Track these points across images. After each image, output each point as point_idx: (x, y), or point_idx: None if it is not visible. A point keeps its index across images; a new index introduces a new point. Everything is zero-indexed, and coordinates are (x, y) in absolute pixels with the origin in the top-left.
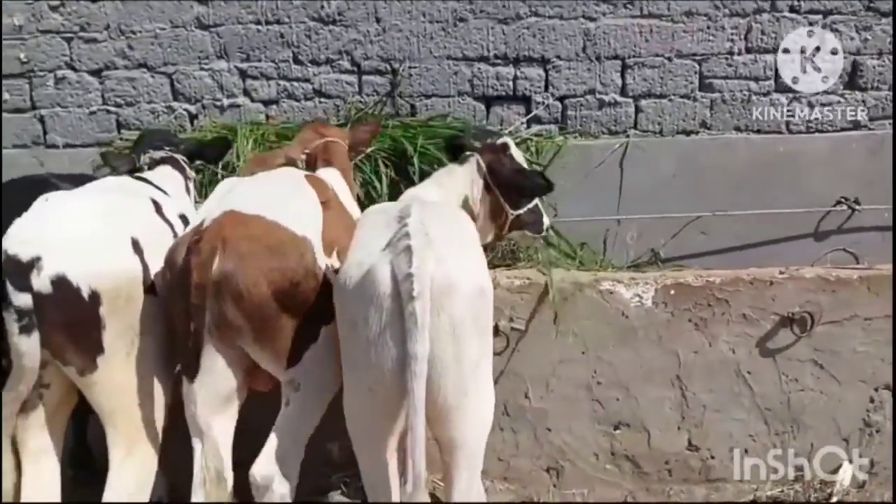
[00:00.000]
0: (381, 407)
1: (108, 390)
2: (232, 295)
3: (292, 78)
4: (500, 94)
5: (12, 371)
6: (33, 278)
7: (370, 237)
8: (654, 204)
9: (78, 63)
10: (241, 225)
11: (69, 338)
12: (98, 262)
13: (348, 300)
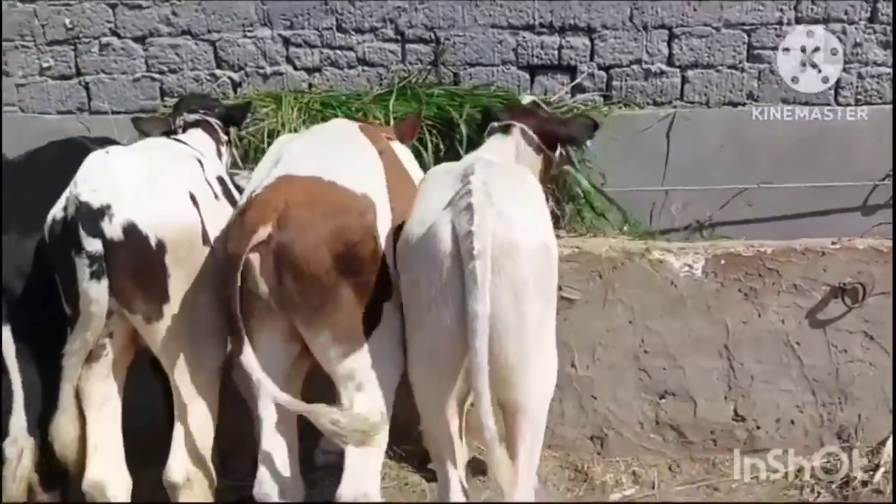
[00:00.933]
0: (442, 367)
1: (172, 339)
2: (288, 266)
3: (335, 46)
4: (544, 63)
5: (80, 319)
6: (104, 225)
7: (434, 194)
8: (700, 175)
9: (122, 30)
10: (300, 189)
11: (137, 285)
12: (163, 211)
13: (411, 258)
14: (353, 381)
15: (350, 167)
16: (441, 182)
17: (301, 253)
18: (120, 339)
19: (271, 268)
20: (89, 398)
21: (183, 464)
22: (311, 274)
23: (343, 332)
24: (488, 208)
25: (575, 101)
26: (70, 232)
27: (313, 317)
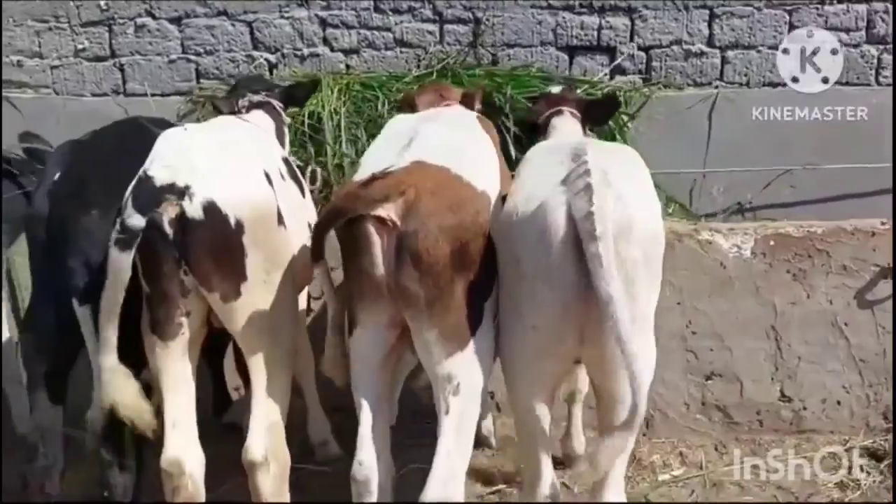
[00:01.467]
0: (543, 346)
1: (248, 318)
2: (411, 255)
3: (373, 27)
4: (583, 44)
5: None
6: (185, 205)
7: (541, 174)
8: (742, 156)
9: (158, 11)
10: (430, 178)
11: (216, 264)
12: (241, 191)
13: (514, 236)
14: (451, 384)
15: (473, 162)
16: (548, 160)
17: (424, 242)
18: (196, 319)
19: (393, 253)
20: (166, 376)
21: (262, 443)
22: (430, 264)
23: (450, 330)
24: (607, 189)
25: (615, 82)
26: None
27: (425, 310)
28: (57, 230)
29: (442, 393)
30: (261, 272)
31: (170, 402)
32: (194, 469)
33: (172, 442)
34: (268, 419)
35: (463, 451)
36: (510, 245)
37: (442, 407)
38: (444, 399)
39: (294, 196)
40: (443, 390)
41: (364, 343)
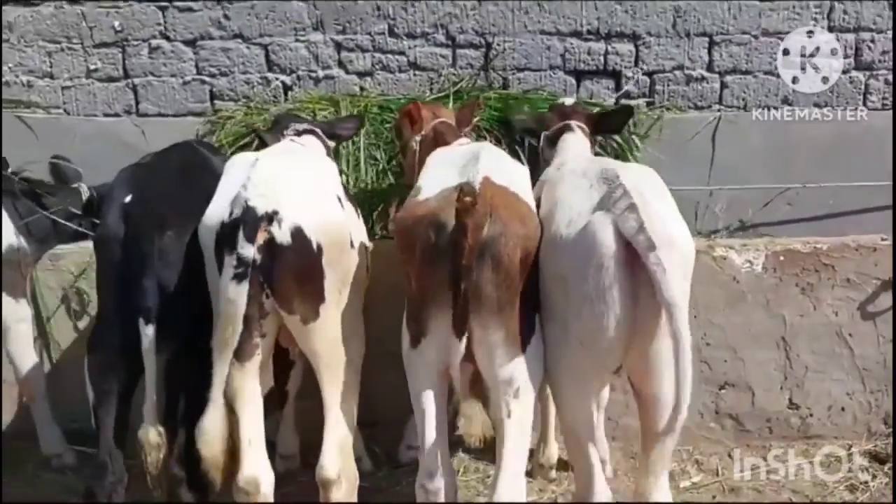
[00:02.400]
0: (590, 359)
1: (324, 339)
2: (492, 259)
3: (387, 50)
4: (590, 68)
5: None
6: (274, 230)
7: (575, 198)
8: (743, 176)
9: (172, 32)
10: (499, 193)
11: (299, 287)
12: (322, 216)
13: (560, 258)
14: (512, 388)
15: (522, 183)
16: (579, 184)
17: (504, 247)
18: (269, 340)
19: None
20: (242, 395)
21: (336, 461)
22: (507, 269)
23: (513, 335)
24: (648, 208)
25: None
26: (232, 233)
27: (496, 314)
28: (133, 251)
29: (503, 397)
30: (335, 293)
31: (245, 421)
32: (268, 490)
33: (249, 460)
34: (339, 438)
35: (524, 452)
36: (556, 266)
37: (503, 410)
38: (506, 403)
39: (353, 217)
40: (504, 394)
41: (431, 353)
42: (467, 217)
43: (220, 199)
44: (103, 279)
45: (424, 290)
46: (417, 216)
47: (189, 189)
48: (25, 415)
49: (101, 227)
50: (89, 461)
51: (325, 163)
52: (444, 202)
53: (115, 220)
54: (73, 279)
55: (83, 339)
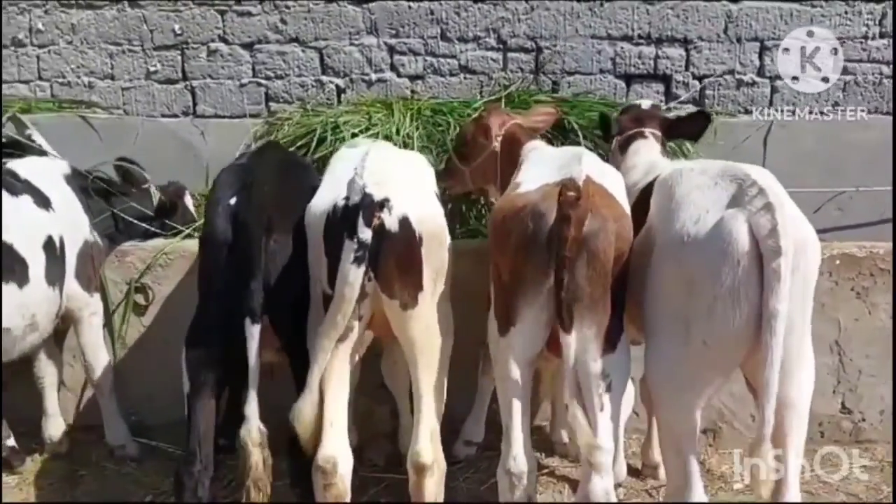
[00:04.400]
0: (712, 360)
1: (421, 326)
2: (589, 254)
3: (439, 54)
4: (640, 72)
5: (333, 300)
6: (385, 216)
7: (701, 196)
8: (794, 180)
9: (230, 36)
10: (599, 192)
11: (400, 273)
12: (425, 208)
13: (686, 256)
14: (605, 382)
15: (618, 186)
16: (702, 183)
17: (601, 243)
18: (363, 324)
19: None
20: (331, 376)
21: (430, 447)
22: (602, 265)
23: (605, 331)
24: (785, 208)
25: (669, 109)
26: (350, 218)
27: (589, 307)
28: (240, 254)
29: (595, 391)
30: (431, 283)
31: (330, 401)
32: (346, 471)
33: (330, 440)
34: (431, 425)
35: (613, 448)
36: (679, 265)
37: (596, 403)
38: (598, 396)
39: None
40: (596, 387)
41: (521, 341)
42: (569, 210)
43: (329, 187)
44: (208, 278)
45: (517, 279)
46: (516, 207)
47: (291, 188)
48: (92, 406)
49: (207, 228)
50: (150, 453)
51: (423, 161)
52: (546, 195)
53: (223, 221)
54: (139, 275)
55: (146, 334)
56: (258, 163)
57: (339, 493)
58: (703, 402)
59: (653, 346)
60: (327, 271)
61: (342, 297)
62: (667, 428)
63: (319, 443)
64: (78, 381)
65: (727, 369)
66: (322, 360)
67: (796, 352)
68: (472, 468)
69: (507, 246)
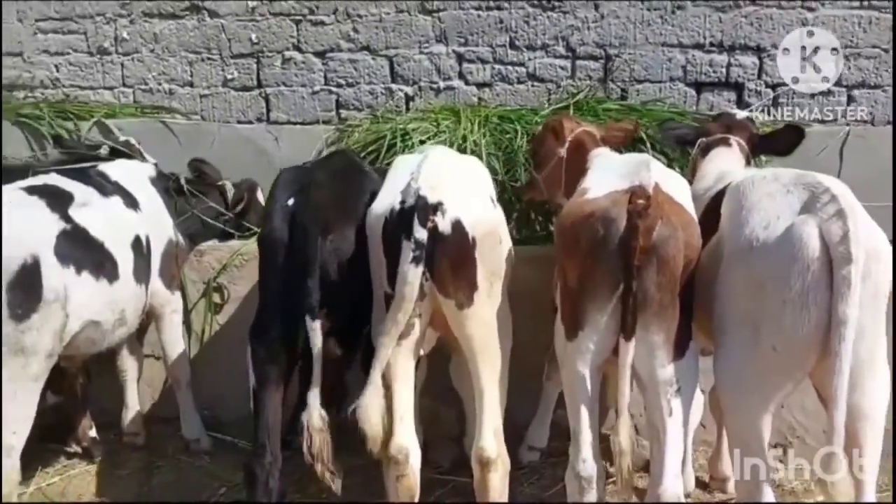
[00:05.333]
0: (782, 366)
1: (478, 325)
2: (659, 260)
3: (507, 62)
4: (711, 80)
5: (394, 299)
6: (438, 219)
7: (773, 202)
8: (872, 193)
9: (304, 45)
10: (668, 200)
11: (455, 274)
12: (478, 212)
13: (755, 261)
14: (673, 388)
15: (685, 195)
16: (773, 189)
17: (671, 250)
18: (423, 322)
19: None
20: (397, 372)
21: (494, 443)
22: (671, 272)
23: (673, 337)
24: (857, 215)
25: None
26: (406, 220)
27: (658, 314)
28: (298, 253)
29: (664, 396)
30: (486, 283)
31: (398, 396)
32: (416, 463)
33: (400, 433)
34: (494, 421)
35: (681, 452)
36: (749, 271)
37: (665, 409)
38: (667, 402)
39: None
40: (664, 394)
41: (589, 346)
42: (639, 218)
43: (388, 191)
44: (268, 276)
45: (585, 284)
46: (585, 213)
47: (349, 191)
48: (168, 400)
49: (266, 228)
50: (222, 447)
51: (479, 165)
52: (615, 202)
53: (280, 222)
54: (215, 275)
55: (221, 332)
56: (319, 166)
57: (410, 484)
58: (772, 408)
59: (722, 351)
60: (387, 271)
61: (402, 297)
62: (736, 433)
63: (390, 435)
64: (155, 375)
65: (797, 375)
66: (384, 357)
67: (867, 360)
68: (536, 474)
69: (576, 251)
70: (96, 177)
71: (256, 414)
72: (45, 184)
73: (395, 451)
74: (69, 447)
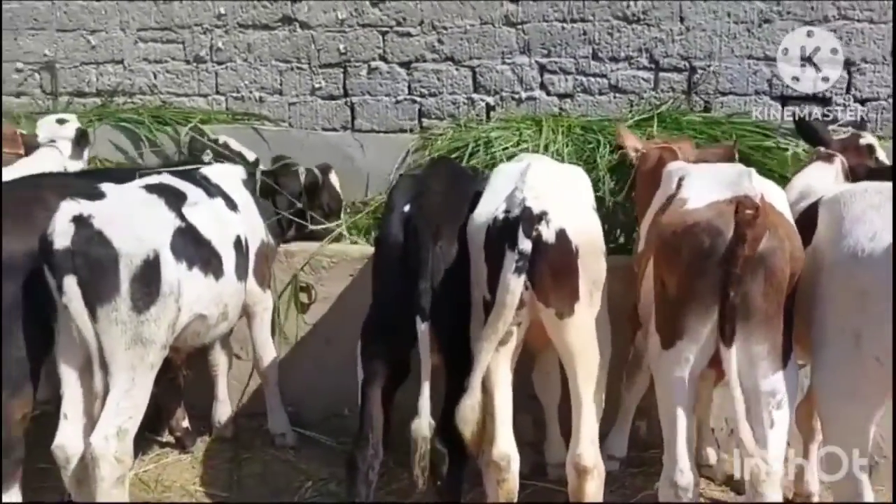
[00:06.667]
0: (883, 376)
1: (578, 334)
2: (766, 271)
3: (590, 73)
4: (798, 94)
5: (494, 308)
6: (542, 228)
7: (877, 214)
8: None
9: (390, 55)
10: (773, 210)
11: (557, 284)
12: (581, 221)
13: (861, 272)
14: (775, 399)
15: (785, 204)
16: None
17: (779, 261)
18: (521, 330)
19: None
20: (497, 379)
21: (592, 451)
22: (778, 282)
23: (777, 348)
24: None
25: None
26: (510, 230)
27: (762, 324)
28: (412, 256)
29: (765, 407)
30: (587, 293)
31: (498, 402)
32: (517, 469)
33: (503, 438)
34: (592, 431)
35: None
36: (852, 280)
37: (765, 420)
38: (769, 413)
39: None
40: (766, 405)
41: (687, 356)
42: (747, 228)
43: (490, 199)
44: (381, 277)
45: (687, 293)
46: (689, 223)
47: (457, 198)
48: (255, 395)
49: (382, 231)
50: (306, 442)
51: (581, 174)
52: (721, 212)
53: (396, 226)
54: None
55: (307, 332)
56: (430, 174)
57: (510, 489)
58: (874, 419)
59: (821, 362)
60: (487, 279)
61: (503, 305)
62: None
63: (492, 441)
64: (243, 371)
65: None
66: (483, 363)
67: None
68: (616, 483)
69: (678, 260)
70: (200, 179)
71: (362, 407)
72: (161, 183)
73: (497, 458)
74: (162, 436)
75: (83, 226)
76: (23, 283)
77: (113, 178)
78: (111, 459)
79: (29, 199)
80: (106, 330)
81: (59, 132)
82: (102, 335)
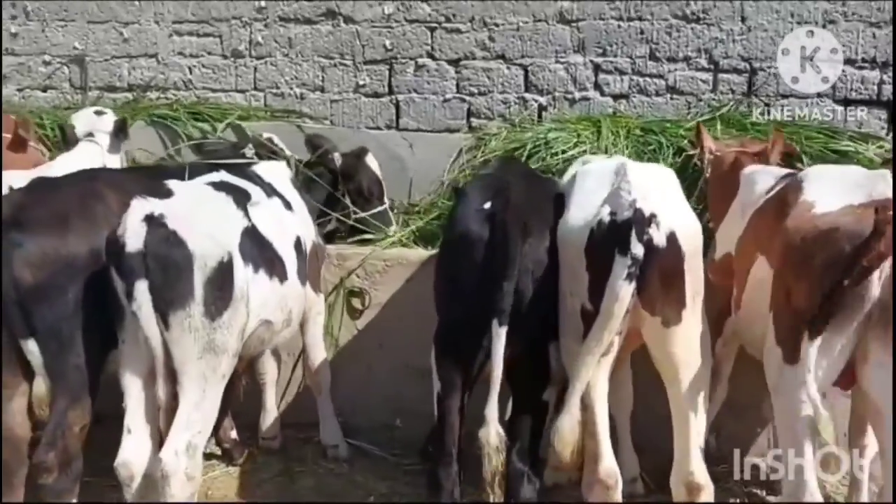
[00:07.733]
0: None
1: (684, 343)
2: None
3: (646, 74)
4: (861, 97)
5: (600, 317)
6: (653, 232)
7: None
8: None
9: (438, 52)
10: None
11: (665, 290)
12: (687, 224)
13: None
14: None
15: None
16: None
17: None
18: (622, 339)
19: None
20: (597, 393)
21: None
22: None
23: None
24: None
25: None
26: (620, 234)
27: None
28: (496, 255)
29: None
30: (692, 300)
31: (599, 417)
32: (621, 485)
33: (608, 455)
34: (699, 444)
35: None
36: None
37: None
38: None
39: None
40: None
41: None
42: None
43: (583, 202)
44: (455, 279)
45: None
46: (822, 229)
47: (541, 196)
48: (302, 404)
49: (459, 229)
50: (358, 454)
51: (673, 174)
52: (860, 217)
53: (477, 224)
54: (356, 279)
55: (359, 338)
56: (506, 172)
57: None
58: None
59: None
60: (589, 286)
61: (609, 314)
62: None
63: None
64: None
65: None
66: (585, 377)
67: None
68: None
69: (810, 268)
70: (255, 176)
71: (441, 421)
72: (223, 181)
73: (604, 476)
74: (207, 448)
75: (156, 225)
76: (83, 285)
77: (166, 174)
78: (182, 477)
79: (87, 195)
80: (178, 338)
81: (98, 124)
82: (173, 344)
